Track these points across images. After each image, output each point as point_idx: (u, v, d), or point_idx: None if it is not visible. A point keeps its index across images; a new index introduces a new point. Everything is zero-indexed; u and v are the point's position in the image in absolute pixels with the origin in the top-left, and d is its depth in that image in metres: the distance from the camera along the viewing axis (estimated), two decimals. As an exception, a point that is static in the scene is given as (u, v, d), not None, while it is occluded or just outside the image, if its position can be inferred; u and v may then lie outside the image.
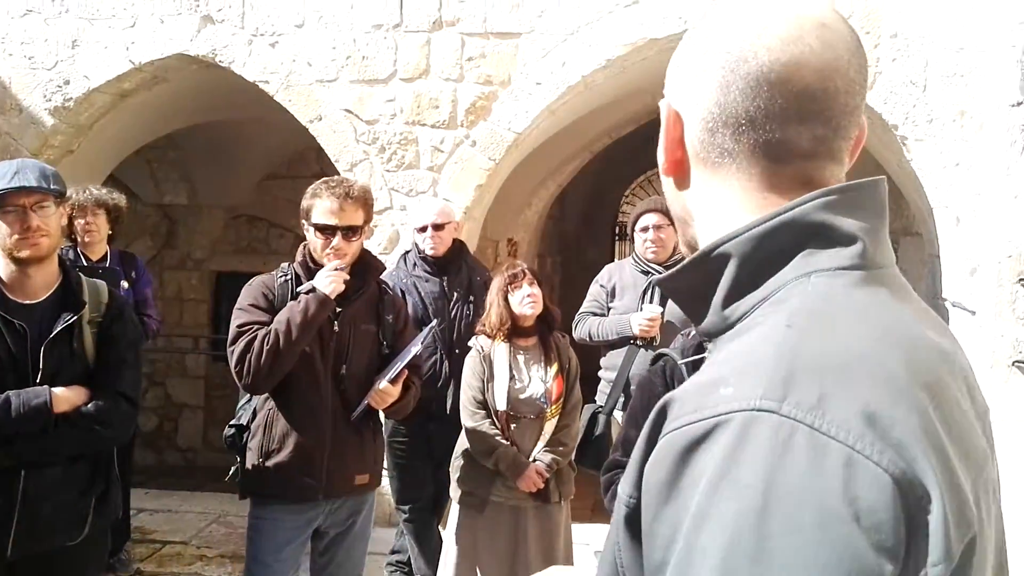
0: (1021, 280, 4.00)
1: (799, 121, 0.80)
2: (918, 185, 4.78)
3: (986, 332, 4.12)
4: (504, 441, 3.54)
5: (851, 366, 0.68)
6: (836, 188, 0.78)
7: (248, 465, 3.04)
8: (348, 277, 2.98)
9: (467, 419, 3.61)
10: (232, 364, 2.94)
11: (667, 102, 0.87)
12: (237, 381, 2.99)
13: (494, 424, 3.57)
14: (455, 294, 4.23)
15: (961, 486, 0.67)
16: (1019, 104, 3.99)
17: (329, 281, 2.92)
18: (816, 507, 0.61)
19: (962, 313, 4.60)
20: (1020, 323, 4.01)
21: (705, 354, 0.85)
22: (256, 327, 2.91)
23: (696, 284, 0.81)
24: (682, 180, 0.87)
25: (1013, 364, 4.01)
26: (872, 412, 0.64)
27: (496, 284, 3.68)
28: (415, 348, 3.06)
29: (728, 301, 0.78)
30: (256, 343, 2.86)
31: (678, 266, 0.82)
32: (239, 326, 2.94)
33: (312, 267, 3.02)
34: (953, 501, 0.65)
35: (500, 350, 3.60)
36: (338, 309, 3.02)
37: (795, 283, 0.75)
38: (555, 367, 3.65)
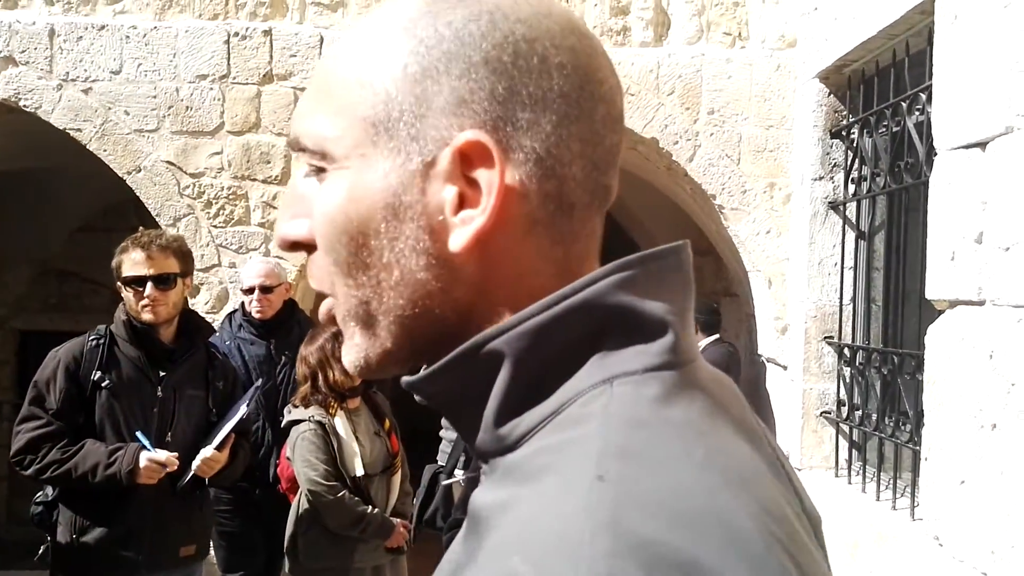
0: (826, 338, 4.34)
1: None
2: (735, 250, 5.12)
3: (796, 386, 4.42)
4: (368, 506, 3.49)
5: (698, 536, 0.47)
6: (635, 259, 0.57)
7: (60, 540, 2.80)
8: (173, 466, 2.82)
9: (325, 494, 3.42)
10: (12, 447, 2.79)
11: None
12: (12, 465, 2.84)
13: (353, 493, 3.48)
14: (283, 357, 4.07)
15: None
16: (820, 179, 4.38)
17: (148, 475, 2.77)
18: None
19: (775, 368, 4.93)
20: (826, 377, 4.34)
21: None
22: (45, 427, 2.76)
23: (459, 391, 0.58)
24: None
25: (820, 415, 4.32)
26: None
27: (322, 346, 3.50)
28: (241, 410, 2.95)
29: (503, 416, 0.56)
30: (45, 457, 2.74)
31: (431, 368, 0.58)
32: (26, 417, 2.80)
33: (137, 325, 2.85)
34: None
35: (340, 418, 3.54)
36: (162, 374, 2.86)
37: (593, 395, 0.54)
38: (387, 422, 3.73)
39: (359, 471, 3.49)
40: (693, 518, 0.48)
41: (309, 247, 0.62)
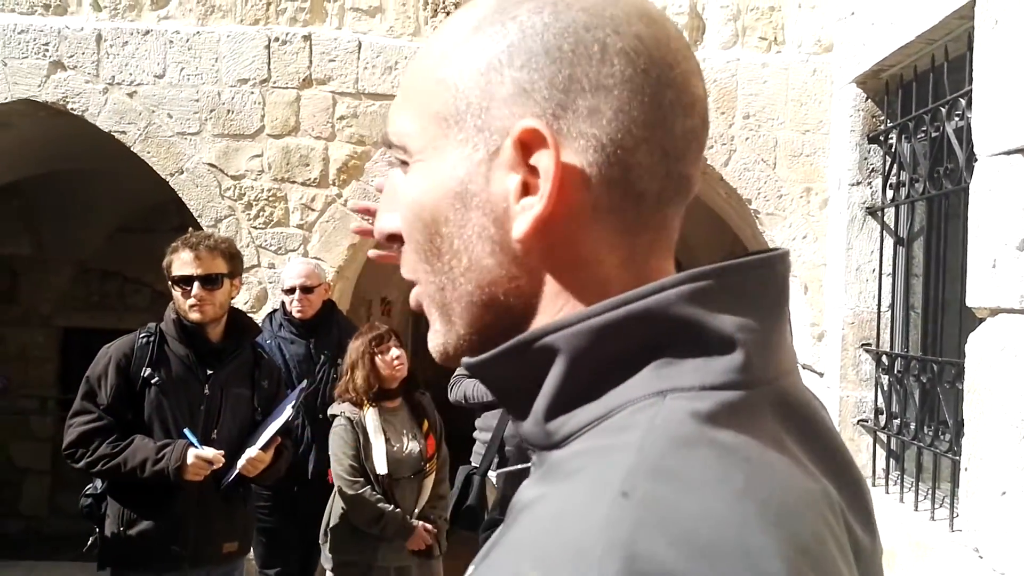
0: (863, 345, 4.31)
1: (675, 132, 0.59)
2: (770, 255, 5.09)
3: (833, 393, 4.39)
4: (389, 506, 3.51)
5: (718, 570, 0.45)
6: (712, 269, 0.55)
7: (107, 533, 2.87)
8: (219, 463, 2.87)
9: (347, 488, 3.52)
10: (64, 440, 2.86)
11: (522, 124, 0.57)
12: (64, 457, 2.92)
13: (375, 490, 3.53)
14: (322, 356, 4.15)
15: None
16: (858, 184, 4.35)
17: (195, 471, 2.82)
18: None
19: (811, 375, 4.90)
20: (863, 385, 4.31)
21: (530, 464, 0.59)
22: (96, 421, 2.83)
23: (514, 378, 0.58)
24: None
25: (857, 423, 4.29)
26: None
27: (358, 347, 3.61)
28: (287, 411, 2.99)
29: (553, 412, 0.56)
30: (96, 451, 2.80)
31: (489, 353, 0.58)
32: (78, 411, 2.86)
33: (186, 324, 2.91)
34: None
35: (370, 415, 3.58)
36: (209, 372, 2.92)
37: (643, 405, 0.53)
38: (426, 425, 3.73)
39: (381, 470, 3.52)
40: (716, 550, 0.46)
41: (401, 239, 0.64)
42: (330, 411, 3.68)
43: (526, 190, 0.57)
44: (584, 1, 0.58)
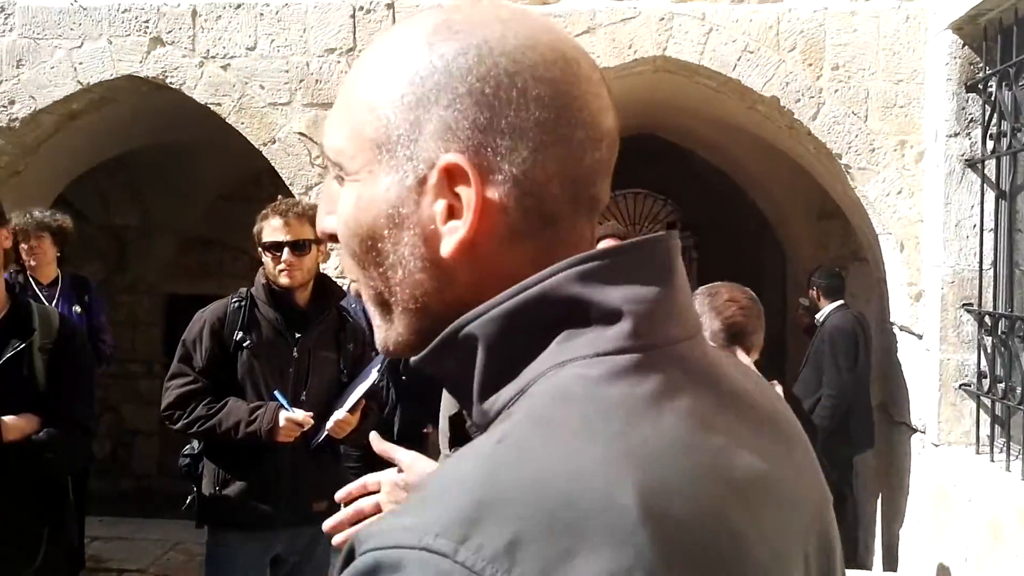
0: (965, 305, 4.14)
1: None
2: (863, 212, 4.92)
3: (932, 356, 4.24)
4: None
5: (562, 500, 0.52)
6: (596, 252, 0.63)
7: (204, 492, 3.01)
8: (308, 424, 2.95)
9: (442, 447, 3.62)
10: (163, 402, 2.98)
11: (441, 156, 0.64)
12: (163, 419, 3.04)
13: None
14: (405, 320, 4.23)
15: None
16: (955, 135, 4.15)
17: (286, 433, 2.90)
18: None
19: (909, 337, 4.74)
20: (965, 347, 4.14)
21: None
22: (192, 384, 2.93)
23: (453, 370, 0.66)
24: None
25: (959, 387, 4.13)
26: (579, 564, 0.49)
27: None
28: (372, 375, 3.06)
29: (484, 393, 0.63)
30: (192, 413, 2.91)
31: (427, 349, 0.66)
32: (175, 374, 2.98)
33: (275, 289, 3.01)
34: None
35: None
36: (297, 335, 3.02)
37: (549, 374, 0.61)
38: None
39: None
40: (566, 482, 0.52)
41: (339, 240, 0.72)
42: None
43: (451, 213, 0.63)
44: (505, 46, 0.64)
